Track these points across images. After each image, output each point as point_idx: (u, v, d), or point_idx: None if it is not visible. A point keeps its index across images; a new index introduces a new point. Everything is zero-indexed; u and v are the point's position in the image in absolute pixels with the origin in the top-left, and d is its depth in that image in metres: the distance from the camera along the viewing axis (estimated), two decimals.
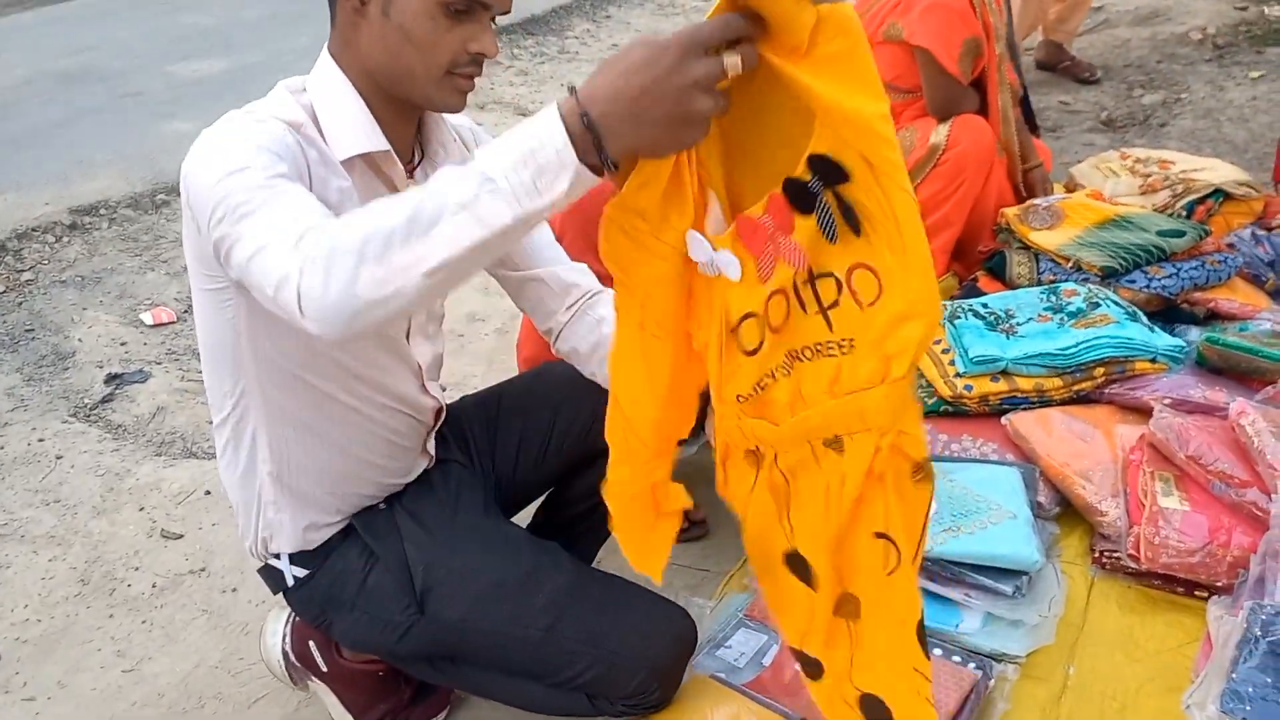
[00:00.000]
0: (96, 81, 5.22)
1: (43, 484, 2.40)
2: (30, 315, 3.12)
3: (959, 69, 2.94)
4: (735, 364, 1.16)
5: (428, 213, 1.00)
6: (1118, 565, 1.96)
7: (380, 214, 1.02)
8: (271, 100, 1.35)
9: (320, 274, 1.02)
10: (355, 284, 1.01)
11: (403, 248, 1.00)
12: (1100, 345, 2.26)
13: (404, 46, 1.28)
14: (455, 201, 0.99)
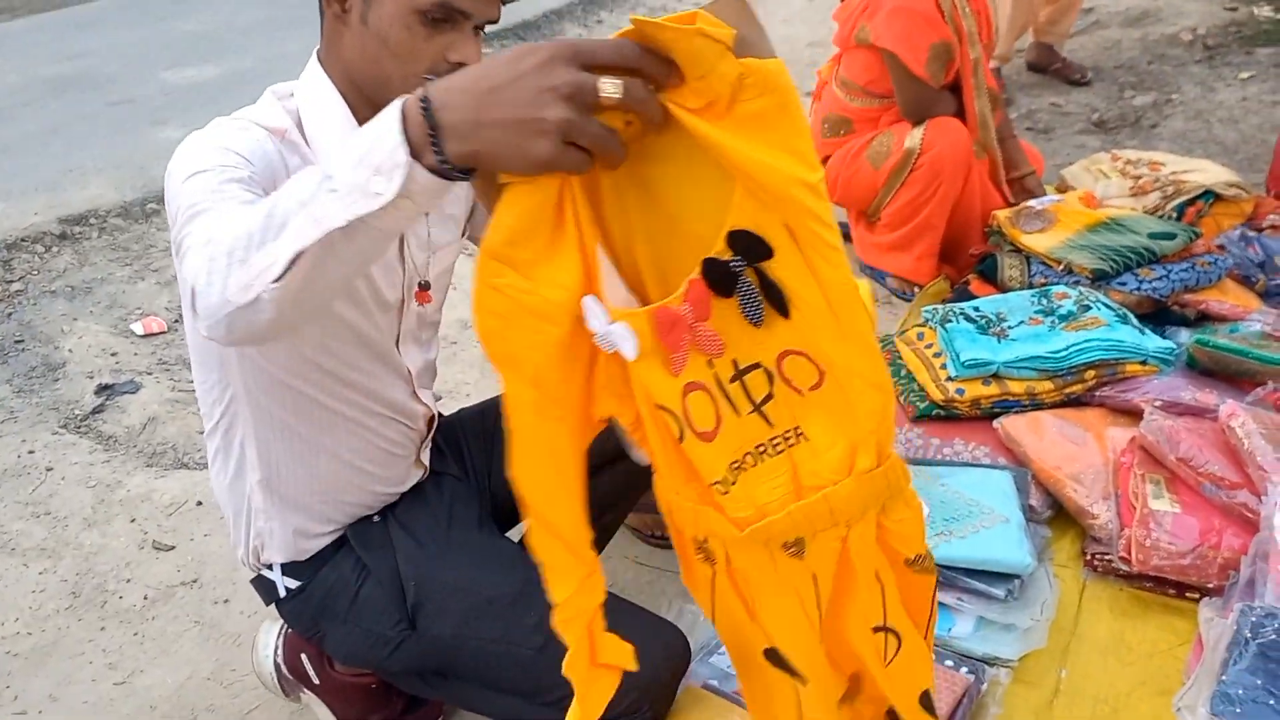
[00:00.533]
0: (88, 88, 5.21)
1: (33, 496, 2.40)
2: (20, 326, 3.11)
3: (927, 73, 2.94)
4: (689, 447, 1.03)
5: (280, 212, 0.95)
6: (1109, 568, 1.96)
7: (252, 210, 0.98)
8: (259, 106, 1.35)
9: (204, 275, 0.99)
10: (226, 288, 0.97)
11: (259, 249, 0.96)
12: (1091, 348, 2.27)
13: (382, 54, 1.27)
14: (298, 200, 0.94)
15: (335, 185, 0.92)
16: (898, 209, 3.04)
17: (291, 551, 1.54)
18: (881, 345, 2.56)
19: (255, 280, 0.96)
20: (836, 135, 3.21)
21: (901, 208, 3.03)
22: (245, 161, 1.21)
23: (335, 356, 1.44)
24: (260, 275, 0.96)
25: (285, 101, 1.35)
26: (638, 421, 1.05)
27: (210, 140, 1.23)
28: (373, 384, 1.50)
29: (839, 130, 3.20)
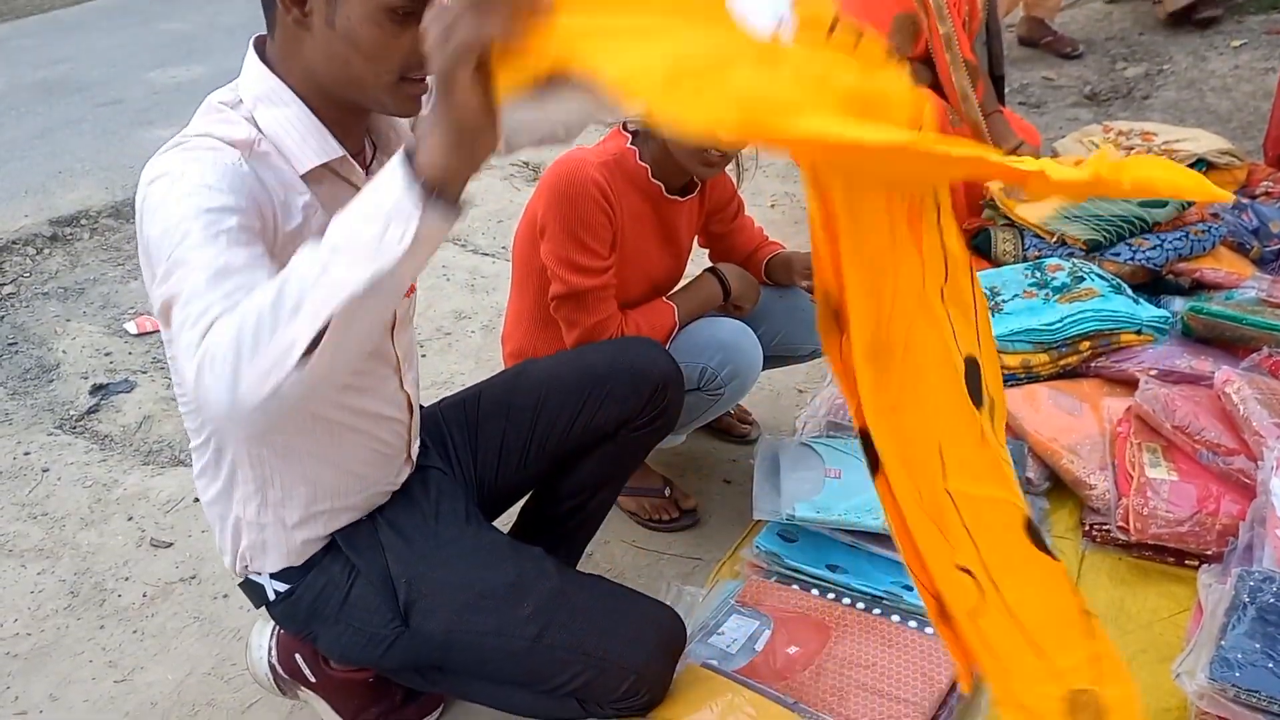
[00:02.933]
0: (74, 91, 5.19)
1: (29, 497, 2.39)
2: (13, 328, 3.10)
3: (891, 44, 2.92)
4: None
5: (291, 291, 0.99)
6: (1108, 538, 1.97)
7: (256, 296, 1.00)
8: (211, 118, 1.28)
9: (209, 379, 1.00)
10: (237, 388, 0.98)
11: (272, 336, 0.98)
12: (1085, 319, 2.26)
13: (352, 55, 1.23)
14: (308, 276, 0.98)
15: (348, 250, 0.97)
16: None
17: (283, 561, 1.52)
18: None
19: (272, 371, 0.97)
20: None
21: None
22: (227, 211, 1.15)
23: None
24: (278, 365, 0.97)
25: (237, 110, 1.28)
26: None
27: (189, 184, 1.16)
28: (367, 383, 1.48)
29: None
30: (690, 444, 2.36)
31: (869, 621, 1.78)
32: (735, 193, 2.24)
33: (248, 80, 1.31)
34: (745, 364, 2.02)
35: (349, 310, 0.98)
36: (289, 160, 1.29)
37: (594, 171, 1.92)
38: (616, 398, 1.72)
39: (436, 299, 3.14)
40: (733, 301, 2.11)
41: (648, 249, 2.07)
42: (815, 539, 1.94)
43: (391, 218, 0.97)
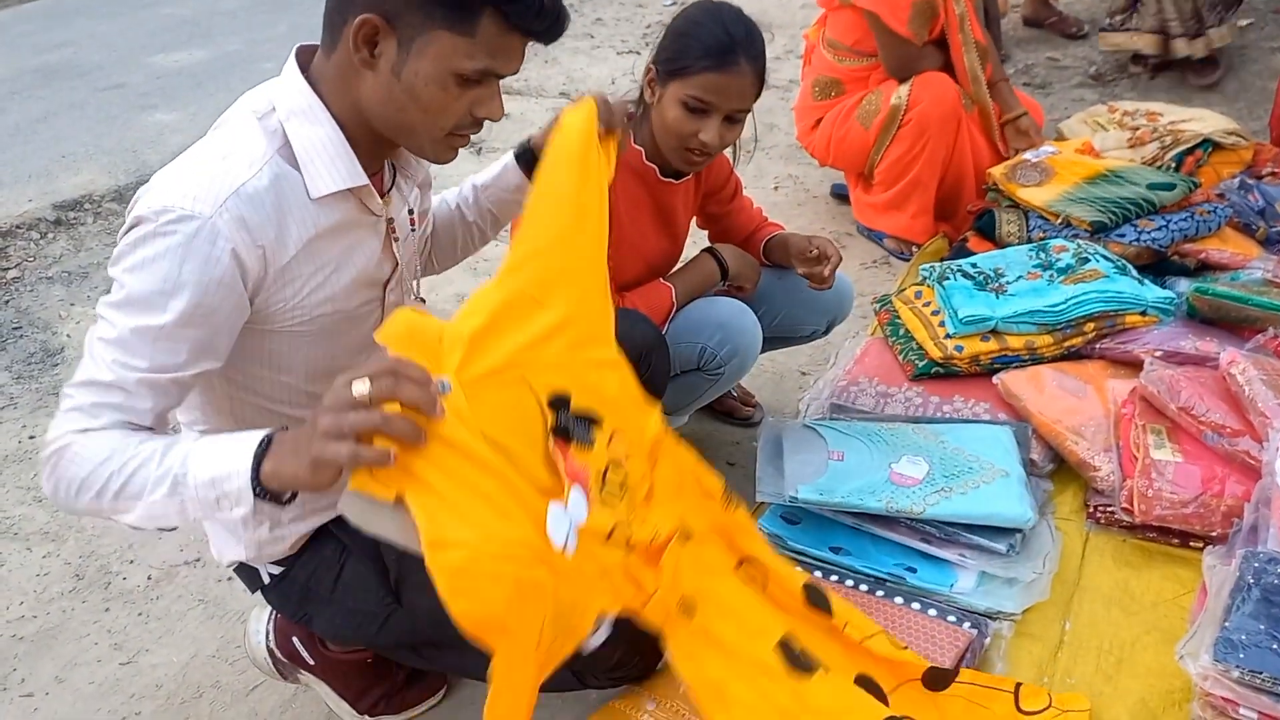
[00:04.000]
0: (76, 76, 5.17)
1: (34, 481, 2.39)
2: (17, 313, 3.10)
3: (909, 30, 2.92)
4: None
5: (135, 486, 1.13)
6: (1112, 519, 1.96)
7: (108, 465, 1.14)
8: (238, 133, 1.28)
9: (50, 484, 1.17)
10: (74, 504, 1.17)
11: (111, 501, 1.14)
12: (1090, 300, 2.25)
13: (410, 106, 1.27)
14: (150, 490, 1.13)
15: (184, 497, 1.12)
16: (888, 166, 3.02)
17: (281, 553, 1.52)
18: (880, 305, 2.56)
19: (105, 514, 1.17)
20: (827, 97, 3.18)
21: (892, 165, 3.01)
22: (176, 307, 1.19)
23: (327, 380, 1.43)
24: (112, 514, 1.17)
25: (266, 120, 1.29)
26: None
27: (154, 273, 1.18)
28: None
29: (829, 92, 3.17)
30: (693, 426, 2.36)
31: (872, 603, 1.78)
32: (733, 174, 2.23)
33: (286, 92, 1.31)
34: (745, 343, 2.01)
35: (173, 524, 1.17)
36: (307, 181, 1.29)
37: None
38: None
39: (439, 282, 3.13)
40: (733, 282, 2.11)
41: (643, 231, 2.07)
42: (818, 521, 1.94)
43: (230, 497, 1.11)
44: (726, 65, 1.82)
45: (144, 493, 1.13)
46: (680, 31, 1.88)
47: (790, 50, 4.63)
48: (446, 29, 1.22)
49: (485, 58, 1.25)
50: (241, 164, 1.25)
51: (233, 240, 1.21)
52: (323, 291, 1.34)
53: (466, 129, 1.32)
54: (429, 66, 1.24)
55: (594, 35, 5.42)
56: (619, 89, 4.74)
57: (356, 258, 1.38)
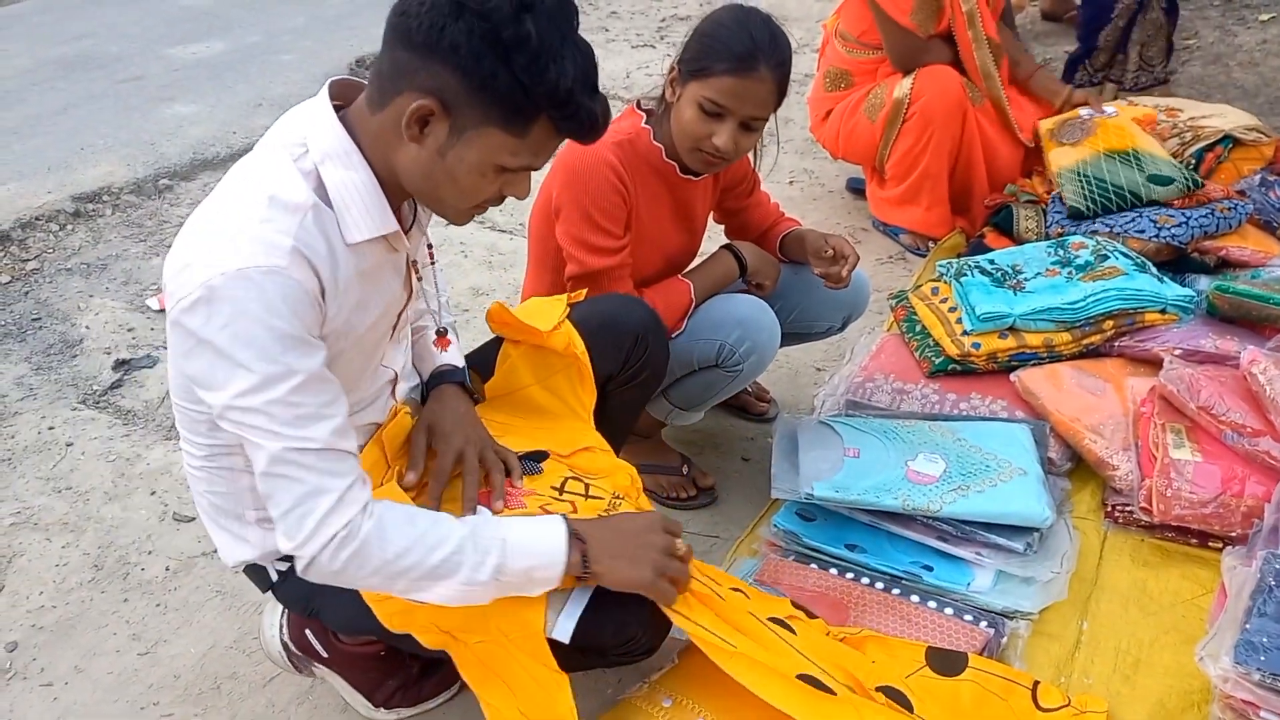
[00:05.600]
0: (95, 68, 5.19)
1: (54, 471, 2.41)
2: (37, 304, 3.12)
3: (912, 22, 2.91)
4: None
5: (445, 569, 1.29)
6: (1130, 519, 1.96)
7: (411, 555, 1.28)
8: (274, 171, 1.29)
9: (337, 564, 1.26)
10: (361, 582, 1.31)
11: (412, 582, 1.30)
12: (1109, 298, 2.24)
13: (446, 184, 1.31)
14: (465, 574, 1.29)
15: (502, 581, 1.31)
16: (898, 160, 3.02)
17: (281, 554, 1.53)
18: (896, 301, 2.55)
19: (389, 588, 1.33)
20: (837, 89, 3.17)
21: (901, 159, 3.01)
22: (293, 341, 1.23)
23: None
24: (399, 590, 1.32)
25: (300, 162, 1.29)
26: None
27: (253, 325, 1.20)
28: (365, 401, 1.53)
29: (839, 84, 3.17)
30: (708, 422, 2.36)
31: (888, 601, 1.78)
32: (751, 170, 2.23)
33: (321, 134, 1.31)
34: (763, 340, 2.01)
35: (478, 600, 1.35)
36: (342, 226, 1.31)
37: (608, 152, 1.91)
38: (596, 354, 1.73)
39: (455, 276, 3.14)
40: (752, 279, 2.10)
41: (662, 227, 2.06)
42: (834, 518, 1.94)
43: (540, 582, 1.35)
44: (746, 71, 1.81)
45: (454, 576, 1.29)
46: (705, 32, 1.87)
47: (805, 44, 4.61)
48: (500, 127, 1.25)
49: (529, 156, 1.30)
50: (290, 208, 1.26)
51: (306, 284, 1.25)
52: (348, 326, 1.37)
53: (491, 205, 1.37)
54: (474, 156, 1.27)
55: (609, 29, 5.41)
56: (633, 82, 4.74)
57: (382, 293, 1.42)
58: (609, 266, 1.94)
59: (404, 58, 1.24)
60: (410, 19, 1.21)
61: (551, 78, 1.22)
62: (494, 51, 1.20)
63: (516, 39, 1.20)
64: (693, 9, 5.66)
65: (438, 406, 1.63)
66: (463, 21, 1.19)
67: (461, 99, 1.23)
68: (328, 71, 4.96)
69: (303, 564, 1.27)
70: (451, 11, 1.19)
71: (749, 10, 1.89)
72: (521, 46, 1.20)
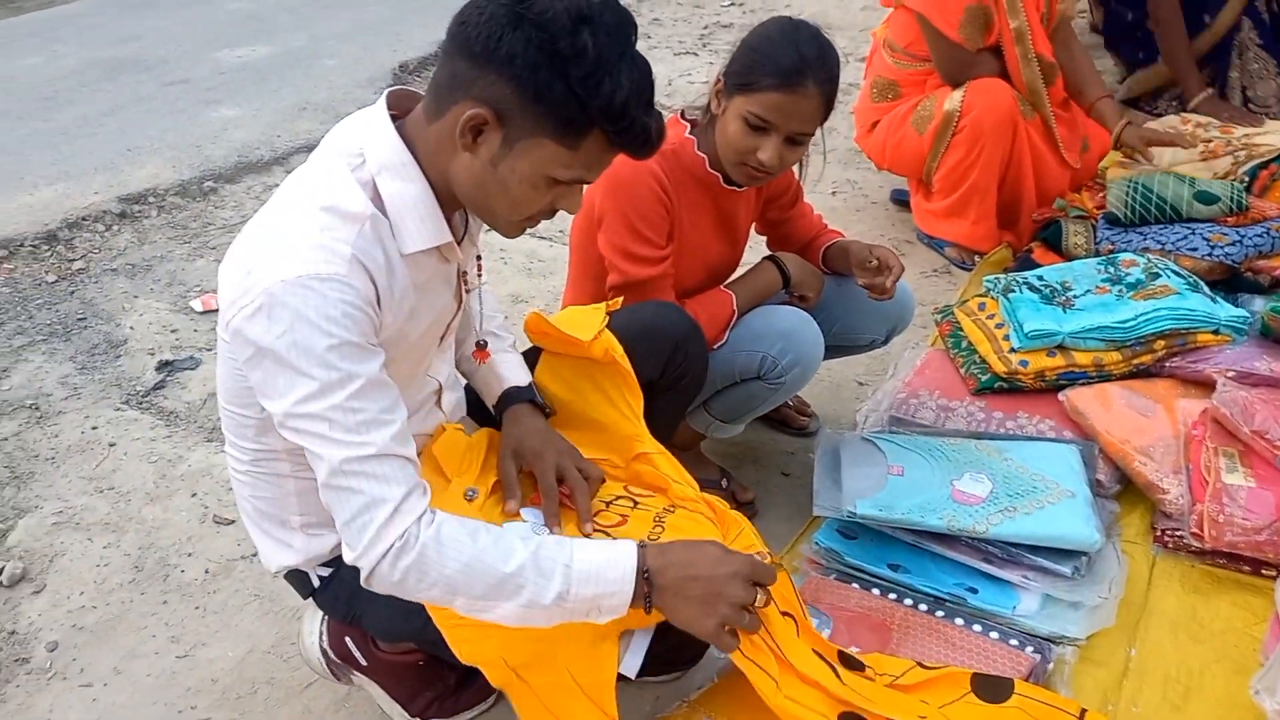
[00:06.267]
0: (143, 70, 5.25)
1: (96, 471, 2.43)
2: (82, 304, 3.15)
3: (961, 36, 2.87)
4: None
5: (508, 589, 1.26)
6: (1181, 544, 1.92)
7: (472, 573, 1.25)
8: (333, 181, 1.29)
9: (397, 574, 1.24)
10: (419, 594, 1.27)
11: (471, 601, 1.27)
12: (1160, 317, 2.20)
13: (498, 195, 1.31)
14: (529, 596, 1.26)
15: (565, 608, 1.28)
16: (946, 173, 2.98)
17: (329, 553, 1.54)
18: (941, 316, 2.52)
19: (446, 602, 1.28)
20: (884, 100, 3.14)
21: (949, 172, 2.97)
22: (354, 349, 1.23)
23: None
24: (457, 605, 1.28)
25: (358, 172, 1.30)
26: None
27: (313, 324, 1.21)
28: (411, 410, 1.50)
29: (886, 95, 3.14)
30: (748, 435, 2.34)
31: (931, 624, 1.75)
32: (794, 180, 2.21)
33: (378, 143, 1.31)
34: (806, 353, 1.98)
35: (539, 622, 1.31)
36: (397, 237, 1.31)
37: (651, 161, 1.90)
38: (635, 361, 1.72)
39: (494, 282, 3.14)
40: (795, 290, 2.08)
41: (705, 238, 2.05)
42: (876, 537, 1.91)
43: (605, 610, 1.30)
44: (793, 86, 1.79)
45: (516, 597, 1.26)
46: (752, 46, 1.85)
47: (850, 53, 4.58)
48: (553, 139, 1.25)
49: (581, 169, 1.30)
50: (349, 218, 1.27)
51: (365, 291, 1.25)
52: (399, 335, 1.37)
53: (542, 218, 1.37)
54: (527, 167, 1.27)
55: (651, 35, 5.41)
56: (675, 90, 4.73)
57: (433, 303, 1.43)
58: (651, 276, 1.93)
59: (461, 67, 1.24)
60: (469, 28, 1.22)
61: (606, 91, 1.21)
62: (550, 62, 1.20)
63: (573, 50, 1.20)
64: (735, 17, 5.65)
65: (518, 430, 1.62)
66: (520, 32, 1.19)
67: (515, 109, 1.23)
68: (370, 76, 5.00)
69: (365, 574, 1.26)
70: (510, 22, 1.20)
71: (798, 23, 1.87)
72: (578, 59, 1.20)
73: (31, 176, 3.96)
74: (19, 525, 2.27)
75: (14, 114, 4.70)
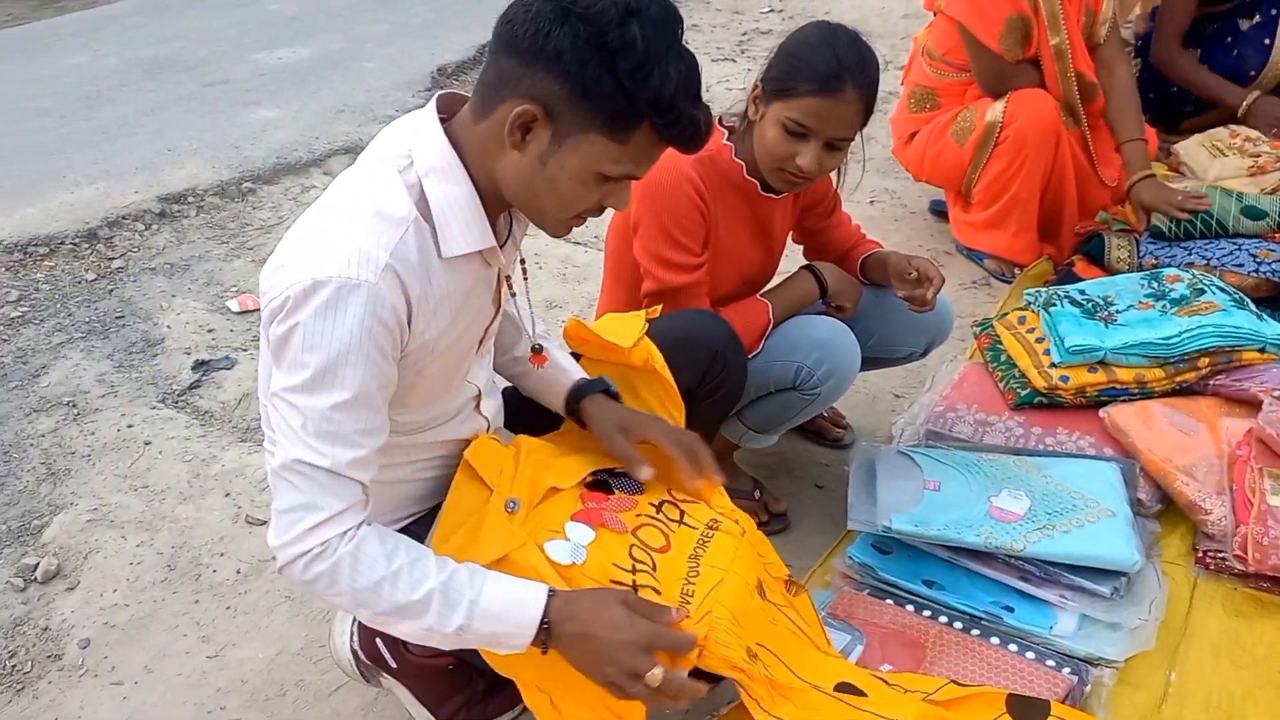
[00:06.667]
0: (184, 70, 5.30)
1: (131, 470, 2.45)
2: (121, 302, 3.18)
3: (1001, 46, 2.83)
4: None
5: (414, 610, 1.27)
6: (1223, 566, 1.88)
7: (384, 588, 1.26)
8: (380, 184, 1.29)
9: (308, 575, 1.26)
10: (325, 597, 1.28)
11: (378, 615, 1.29)
12: (1205, 334, 2.16)
13: (546, 193, 1.30)
14: (430, 618, 1.27)
15: (463, 637, 1.29)
16: (987, 184, 2.94)
17: None
18: (981, 329, 2.48)
19: (353, 611, 1.32)
20: (922, 110, 3.11)
21: (990, 183, 2.93)
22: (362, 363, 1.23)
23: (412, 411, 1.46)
24: (363, 616, 1.32)
25: (405, 174, 1.30)
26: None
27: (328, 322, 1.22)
28: (448, 418, 1.53)
29: (924, 104, 3.10)
30: (782, 446, 2.32)
31: (966, 642, 1.72)
32: (832, 189, 2.19)
33: (426, 146, 1.31)
34: (843, 364, 1.96)
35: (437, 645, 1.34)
36: (439, 240, 1.31)
37: (688, 168, 1.89)
38: (673, 369, 1.71)
39: (528, 287, 3.13)
40: (832, 300, 2.06)
41: (741, 246, 2.04)
42: (911, 552, 1.89)
43: (505, 646, 1.32)
44: (832, 91, 1.77)
45: (420, 619, 1.28)
46: (790, 51, 1.83)
47: (889, 61, 4.55)
48: (602, 133, 1.25)
49: (630, 164, 1.29)
50: (391, 223, 1.26)
51: (393, 301, 1.25)
52: (445, 341, 1.37)
53: (590, 215, 1.36)
54: (576, 164, 1.27)
55: (689, 41, 5.36)
56: (713, 96, 4.71)
57: (472, 308, 1.42)
58: (687, 284, 1.92)
59: (508, 65, 1.24)
60: (516, 26, 1.21)
61: (655, 83, 1.21)
62: (599, 56, 1.19)
63: (621, 43, 1.19)
64: (775, 23, 5.63)
65: (610, 412, 1.63)
66: (568, 26, 1.19)
67: (564, 105, 1.23)
68: (409, 80, 5.02)
69: (279, 564, 1.28)
70: (557, 17, 1.19)
71: (836, 28, 1.85)
72: (626, 51, 1.19)
73: (73, 175, 4.00)
74: (54, 522, 2.28)
75: (57, 113, 4.76)
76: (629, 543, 1.47)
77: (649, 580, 1.42)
